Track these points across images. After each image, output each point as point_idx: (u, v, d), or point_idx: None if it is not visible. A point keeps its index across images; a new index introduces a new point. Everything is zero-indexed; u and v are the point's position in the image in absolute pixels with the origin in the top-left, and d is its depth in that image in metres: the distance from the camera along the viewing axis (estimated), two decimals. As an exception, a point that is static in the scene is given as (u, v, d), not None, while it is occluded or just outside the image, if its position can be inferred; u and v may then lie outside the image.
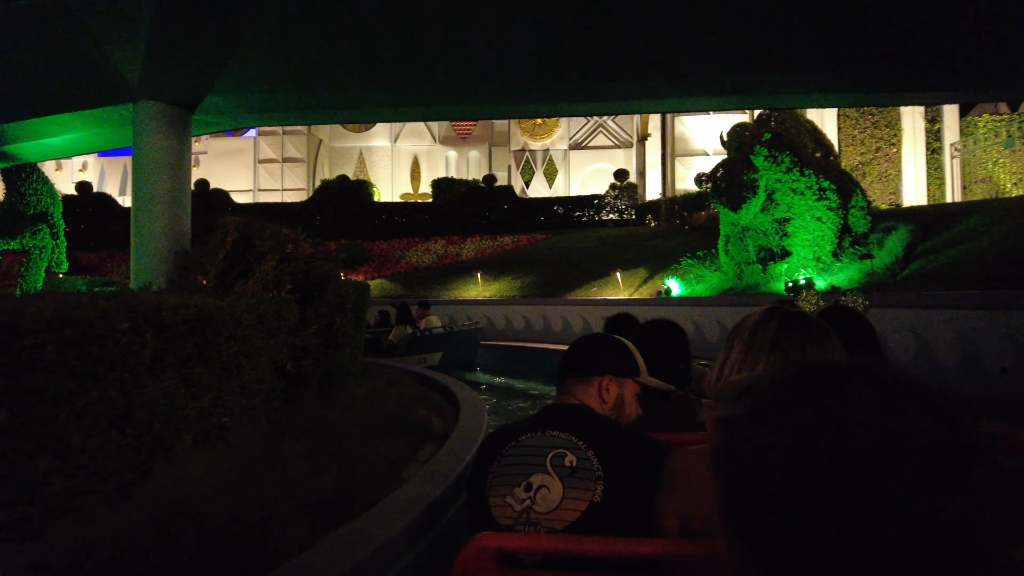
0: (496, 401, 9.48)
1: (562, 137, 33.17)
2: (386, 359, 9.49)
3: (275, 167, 34.51)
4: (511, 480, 1.34)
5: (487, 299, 16.97)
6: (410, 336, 10.56)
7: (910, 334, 7.23)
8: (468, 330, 11.88)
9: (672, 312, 11.81)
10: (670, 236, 17.96)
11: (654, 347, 2.12)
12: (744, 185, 10.40)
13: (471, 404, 6.72)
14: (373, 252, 22.63)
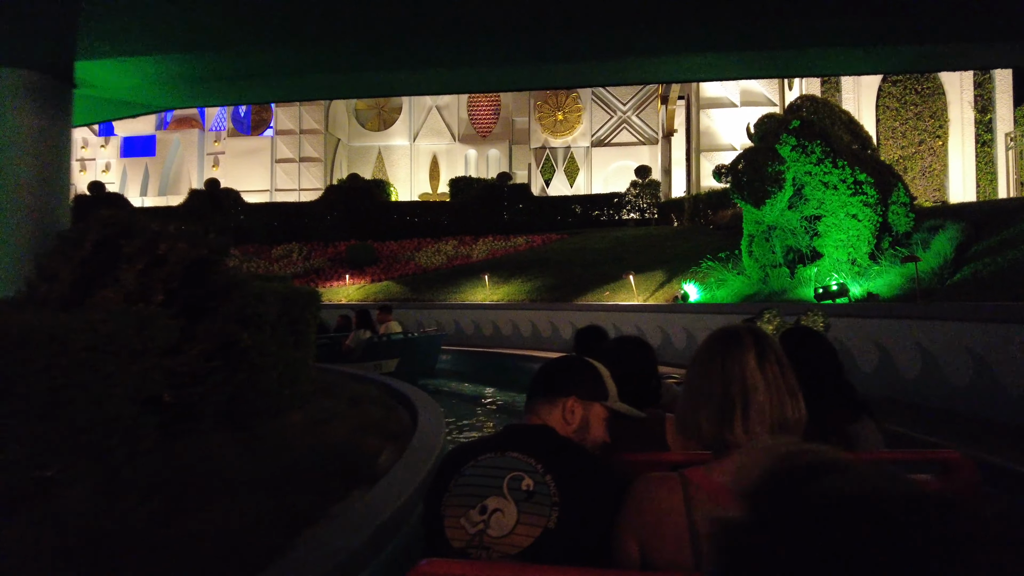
0: (466, 420, 8.60)
1: (584, 134, 32.02)
2: (344, 365, 9.12)
3: (292, 167, 34.08)
4: (466, 501, 1.32)
5: (494, 303, 15.98)
6: (367, 341, 10.19)
7: (965, 354, 6.00)
8: (428, 336, 11.50)
9: (688, 320, 10.64)
10: (692, 236, 16.73)
11: (622, 364, 2.07)
12: (768, 178, 9.20)
13: (427, 433, 5.73)
14: (383, 253, 21.83)
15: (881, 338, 7.09)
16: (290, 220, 24.83)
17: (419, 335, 11.46)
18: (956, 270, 8.33)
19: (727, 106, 21.48)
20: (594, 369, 1.59)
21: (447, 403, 10.28)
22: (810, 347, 2.31)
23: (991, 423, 5.53)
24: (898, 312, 7.02)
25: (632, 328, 11.76)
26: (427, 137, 35.44)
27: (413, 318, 16.99)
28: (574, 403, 1.50)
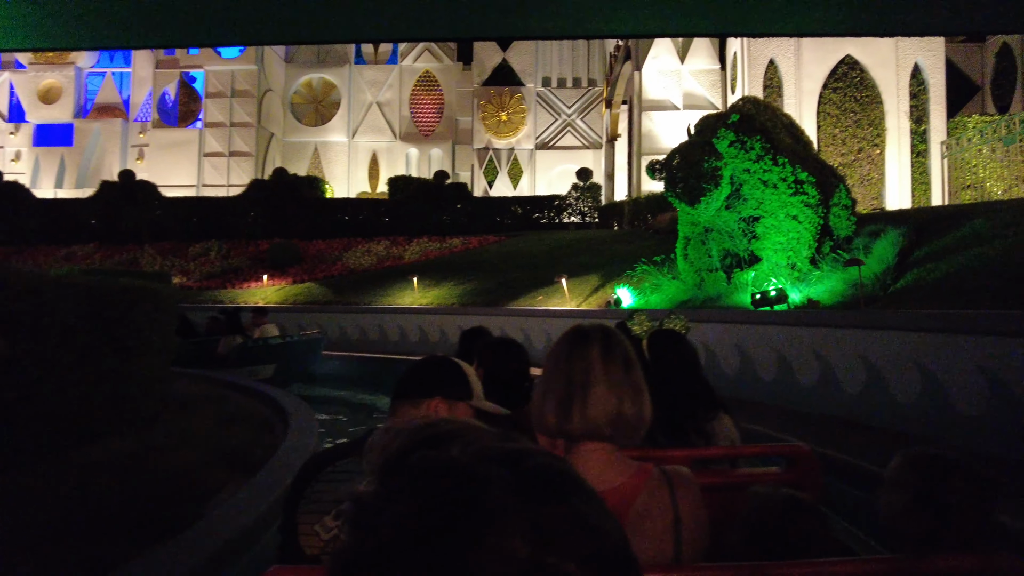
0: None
1: (528, 136, 31.30)
2: (217, 372, 8.57)
3: (221, 161, 32.16)
4: (321, 507, 1.31)
5: (423, 307, 14.94)
6: (240, 346, 9.55)
7: (913, 368, 5.33)
8: (306, 340, 10.89)
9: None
10: (631, 240, 16.09)
11: (495, 366, 2.16)
12: (704, 174, 8.50)
13: (283, 463, 4.70)
14: (309, 253, 20.49)
15: (822, 349, 6.42)
16: (211, 216, 23.18)
17: (297, 339, 10.78)
18: (899, 276, 7.79)
19: (669, 109, 21.08)
20: (458, 368, 1.59)
21: (345, 412, 9.30)
22: (673, 349, 2.43)
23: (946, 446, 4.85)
24: (840, 321, 6.35)
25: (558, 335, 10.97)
26: (367, 134, 34.10)
27: (336, 322, 15.80)
28: (438, 404, 1.50)
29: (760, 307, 7.81)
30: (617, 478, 1.19)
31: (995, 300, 5.96)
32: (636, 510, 1.16)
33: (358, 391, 10.66)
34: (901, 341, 5.47)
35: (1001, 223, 8.02)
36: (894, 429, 5.44)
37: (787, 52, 18.58)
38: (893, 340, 5.56)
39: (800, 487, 1.54)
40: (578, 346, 1.23)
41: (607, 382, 1.19)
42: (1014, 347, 4.62)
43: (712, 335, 8.07)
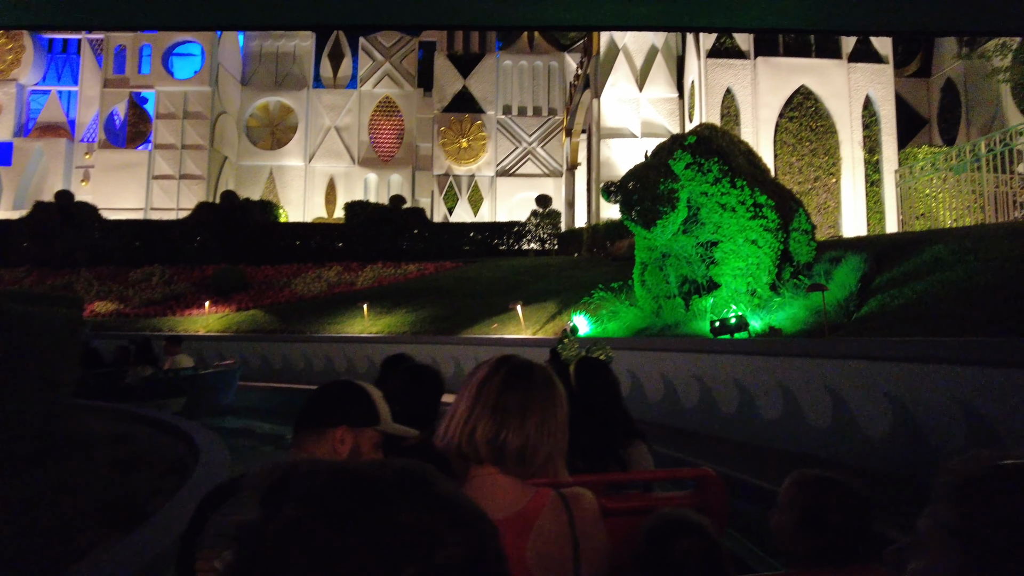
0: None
1: (489, 163, 31.02)
2: (124, 405, 7.95)
3: (171, 184, 30.94)
4: (220, 542, 1.27)
5: (373, 336, 14.22)
6: (150, 377, 9.03)
7: (883, 399, 4.92)
8: (220, 371, 10.38)
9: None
10: (590, 267, 15.72)
11: (408, 392, 2.12)
12: (660, 197, 8.13)
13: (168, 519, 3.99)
14: (256, 279, 19.58)
15: (786, 380, 5.99)
16: (155, 240, 22.10)
17: (211, 370, 10.23)
18: (862, 303, 7.47)
19: (627, 136, 21.00)
20: (362, 392, 1.55)
21: (266, 445, 8.57)
22: (597, 377, 2.51)
23: (922, 489, 4.41)
24: (805, 349, 5.94)
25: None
26: (324, 159, 33.39)
27: (280, 352, 14.95)
28: (344, 433, 1.46)
29: (720, 335, 7.39)
30: (516, 504, 1.20)
31: (963, 326, 5.64)
32: (536, 534, 1.17)
33: (278, 423, 9.91)
34: (871, 371, 5.06)
35: (961, 249, 7.82)
36: (863, 467, 5.00)
37: (744, 81, 18.72)
38: (862, 370, 5.15)
39: (707, 510, 1.57)
40: (485, 374, 1.26)
41: (540, 414, 1.22)
42: (994, 377, 4.23)
43: (670, 365, 7.61)
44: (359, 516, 0.42)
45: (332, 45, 34.60)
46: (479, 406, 1.23)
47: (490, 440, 1.20)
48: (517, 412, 1.21)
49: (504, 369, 1.27)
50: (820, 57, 18.62)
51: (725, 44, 19.13)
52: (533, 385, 1.25)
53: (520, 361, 1.30)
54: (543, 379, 1.27)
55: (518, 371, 1.27)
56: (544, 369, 1.30)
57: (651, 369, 7.86)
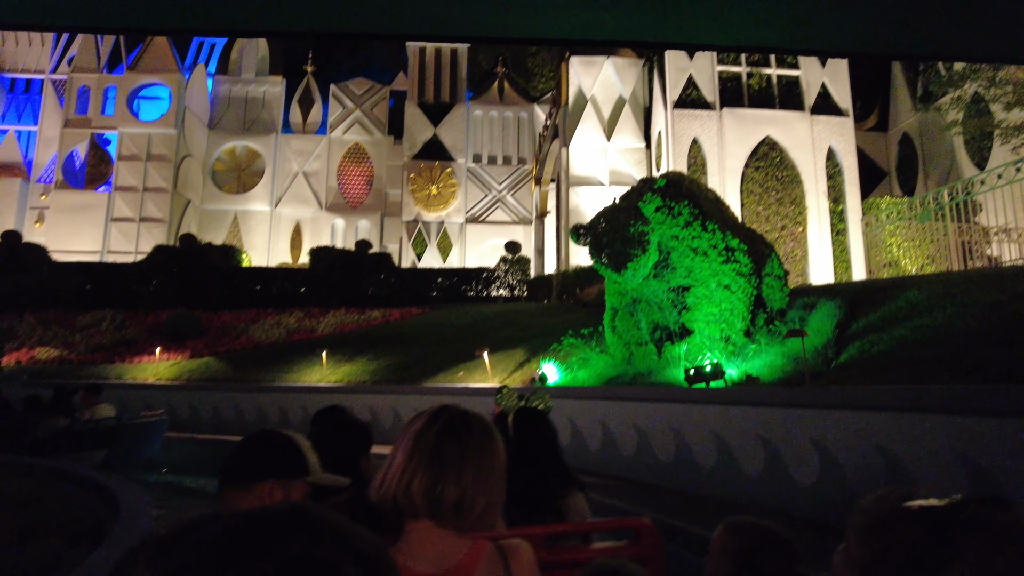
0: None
1: (459, 210, 30.87)
2: (36, 459, 7.44)
3: (131, 227, 30.02)
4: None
5: (331, 385, 13.52)
6: (65, 429, 8.33)
7: (874, 452, 4.54)
8: (145, 422, 9.69)
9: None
10: (559, 313, 15.36)
11: (335, 443, 2.05)
12: (631, 239, 7.85)
13: None
14: (213, 325, 18.75)
15: (767, 432, 5.59)
16: (108, 284, 21.15)
17: (136, 420, 9.49)
18: (840, 349, 7.19)
19: (596, 185, 21.05)
20: (290, 443, 1.50)
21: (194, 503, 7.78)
22: (535, 427, 2.57)
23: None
24: (786, 399, 5.57)
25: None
26: (291, 204, 32.91)
27: (233, 402, 14.11)
28: (273, 487, 1.41)
29: (695, 383, 7.01)
30: (452, 557, 1.20)
31: (949, 372, 5.35)
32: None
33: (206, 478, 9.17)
34: (860, 421, 4.69)
35: (936, 294, 7.64)
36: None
37: (710, 131, 18.98)
38: (850, 421, 4.79)
39: (643, 559, 1.58)
40: (423, 425, 1.25)
41: (441, 463, 1.20)
42: (991, 427, 3.89)
43: (643, 415, 7.17)
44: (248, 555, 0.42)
45: (302, 91, 34.61)
46: (416, 457, 1.22)
47: (427, 492, 1.18)
48: (454, 463, 1.20)
49: (442, 420, 1.26)
50: (784, 109, 19.04)
51: (691, 95, 19.47)
52: (471, 436, 1.24)
53: (458, 411, 1.29)
54: (481, 429, 1.26)
55: (456, 421, 1.26)
56: (482, 419, 1.30)
57: (623, 420, 7.41)
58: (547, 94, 32.10)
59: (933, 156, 20.62)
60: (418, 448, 1.20)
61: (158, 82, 30.89)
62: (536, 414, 2.63)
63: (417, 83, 31.61)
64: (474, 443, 1.22)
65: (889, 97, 22.96)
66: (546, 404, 3.04)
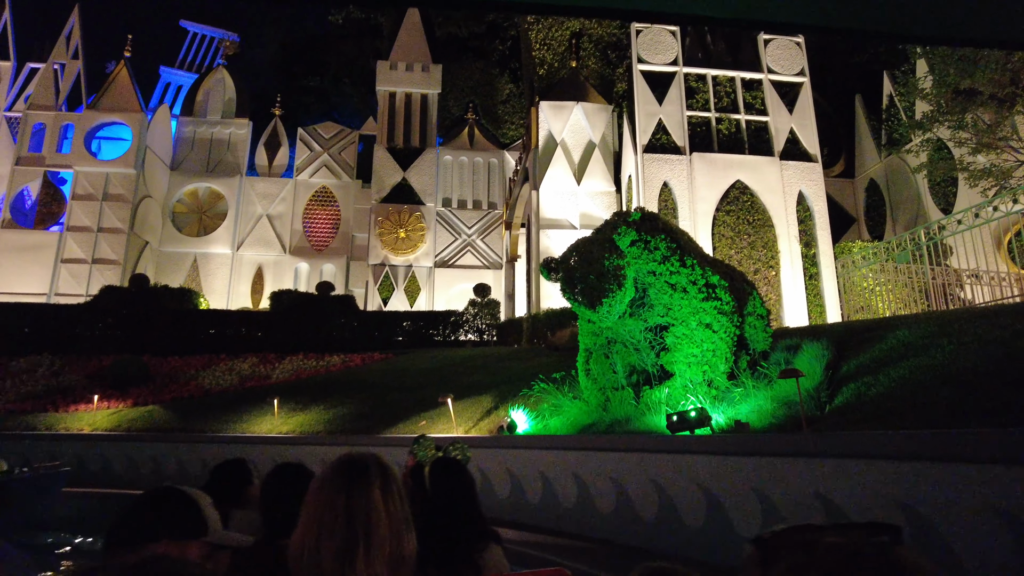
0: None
1: (427, 253, 30.26)
2: None
3: (82, 268, 28.64)
4: None
5: (283, 436, 12.50)
6: None
7: (897, 510, 3.90)
8: (38, 476, 8.87)
9: (512, 458, 8.07)
10: (529, 357, 14.65)
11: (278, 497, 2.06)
12: (605, 273, 7.27)
13: None
14: (161, 370, 17.55)
15: (764, 486, 4.92)
16: (47, 327, 19.81)
17: (26, 475, 8.61)
18: (834, 392, 6.62)
19: (566, 228, 20.69)
20: (186, 500, 1.44)
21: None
22: (453, 478, 2.50)
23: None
24: (784, 447, 4.93)
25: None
26: (253, 247, 31.94)
27: (175, 454, 12.94)
28: (166, 547, 1.34)
29: (678, 431, 6.34)
30: None
31: (959, 415, 4.78)
32: None
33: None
34: (873, 472, 4.06)
35: (929, 333, 7.18)
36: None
37: (680, 175, 18.86)
38: (861, 471, 4.15)
39: None
40: (357, 481, 1.21)
41: (389, 522, 1.18)
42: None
43: (623, 467, 6.45)
44: None
45: (269, 134, 34.12)
46: (319, 513, 1.18)
47: (337, 551, 1.14)
48: (403, 521, 1.20)
49: (342, 472, 1.23)
50: (753, 154, 19.06)
51: (661, 140, 19.42)
52: (371, 487, 1.20)
53: (358, 462, 1.26)
54: (383, 479, 1.23)
55: (356, 473, 1.23)
56: (384, 469, 1.27)
57: (599, 472, 6.67)
58: (517, 141, 32.15)
59: (900, 202, 20.81)
60: (320, 504, 1.15)
61: (118, 120, 30.09)
62: (454, 464, 2.57)
63: (387, 127, 31.38)
64: (403, 494, 1.20)
65: (855, 145, 23.33)
66: (464, 454, 2.95)
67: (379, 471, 1.23)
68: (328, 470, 1.23)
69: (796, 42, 20.33)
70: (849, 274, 15.39)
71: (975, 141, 13.60)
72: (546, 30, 22.97)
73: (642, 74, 19.87)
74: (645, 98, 19.64)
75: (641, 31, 20.16)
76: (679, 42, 20.28)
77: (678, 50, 20.19)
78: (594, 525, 6.65)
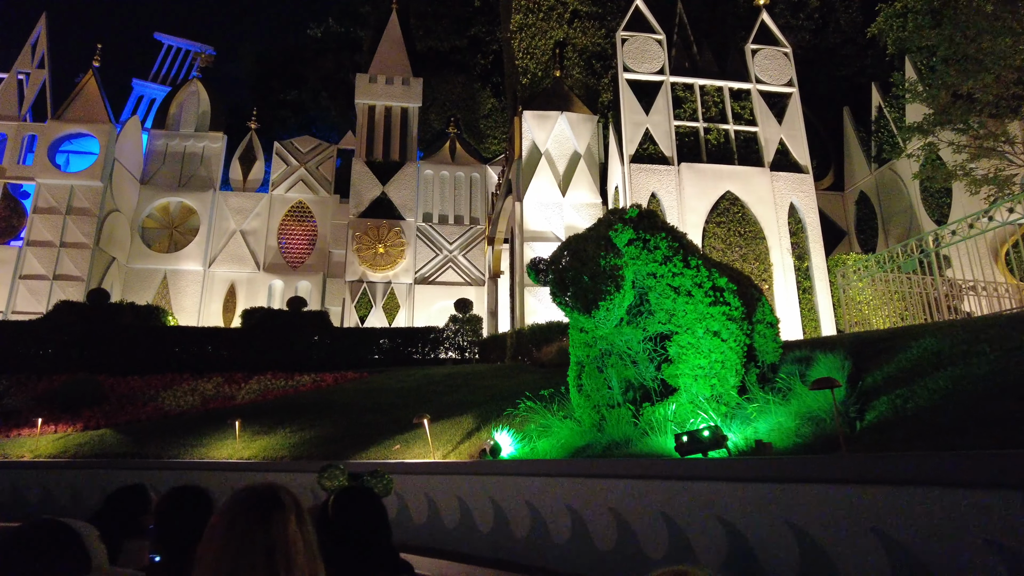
0: None
1: (407, 270, 29.29)
2: None
3: (42, 285, 27.22)
4: None
5: (243, 461, 11.40)
6: None
7: (985, 551, 3.04)
8: None
9: (494, 486, 7.12)
10: (514, 374, 13.73)
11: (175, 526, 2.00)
12: (601, 274, 6.42)
13: None
14: (118, 391, 16.33)
15: (802, 518, 4.06)
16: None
17: None
18: (861, 408, 5.79)
19: (551, 240, 19.91)
20: (68, 533, 1.35)
21: None
22: (356, 509, 2.32)
23: None
24: (826, 472, 4.07)
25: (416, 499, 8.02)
26: (226, 263, 30.75)
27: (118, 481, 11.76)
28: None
29: (689, 454, 5.46)
30: None
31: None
32: None
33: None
34: (947, 503, 3.20)
35: (961, 340, 6.41)
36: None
37: (668, 186, 18.24)
38: (934, 502, 3.29)
39: None
40: (275, 513, 1.17)
41: (307, 555, 1.17)
42: None
43: (624, 496, 5.55)
44: None
45: (244, 148, 33.13)
46: (233, 549, 1.13)
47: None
48: (282, 551, 1.13)
49: (257, 505, 1.20)
50: (743, 164, 18.51)
51: (648, 150, 18.82)
52: (289, 520, 1.18)
53: (271, 493, 1.23)
54: (297, 510, 1.20)
55: (272, 505, 1.20)
56: (295, 499, 1.24)
57: (598, 503, 5.76)
58: (499, 155, 31.50)
59: (892, 214, 20.36)
60: (220, 537, 1.12)
61: (85, 132, 28.93)
62: (362, 494, 2.37)
63: (366, 141, 30.57)
64: (277, 526, 1.15)
65: (843, 157, 22.94)
66: (385, 486, 2.76)
67: (292, 501, 1.19)
68: (237, 503, 1.18)
69: (784, 52, 19.94)
70: (850, 285, 14.71)
71: (975, 146, 13.07)
72: (529, 39, 22.41)
73: (628, 83, 19.31)
74: (631, 107, 19.07)
75: (627, 40, 19.65)
76: (665, 51, 19.80)
77: (664, 59, 19.69)
78: (591, 564, 5.72)
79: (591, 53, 22.49)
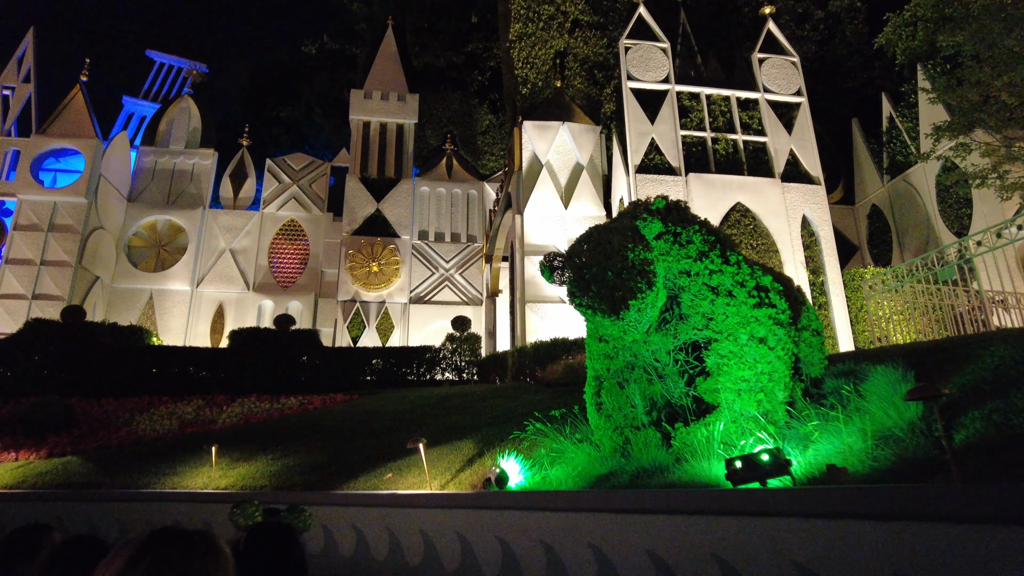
0: None
1: (402, 289, 28.33)
2: None
3: (20, 305, 26.07)
4: None
5: (219, 491, 10.29)
6: None
7: None
8: None
9: (505, 522, 6.08)
10: (517, 395, 12.70)
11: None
12: (630, 268, 5.49)
13: None
14: (90, 414, 15.20)
15: (915, 567, 3.07)
16: (-35, 367, 17.37)
17: None
18: (947, 425, 4.82)
19: (555, 254, 19.02)
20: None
21: None
22: (269, 551, 2.17)
23: None
24: (937, 506, 3.10)
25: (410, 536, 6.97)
26: (214, 283, 29.71)
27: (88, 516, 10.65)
28: None
29: (744, 483, 4.48)
30: None
31: None
32: None
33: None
34: None
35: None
36: None
37: (676, 196, 17.39)
38: None
39: None
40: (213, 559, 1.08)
41: None
42: None
43: (665, 537, 4.54)
44: None
45: (236, 165, 32.30)
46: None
47: None
48: None
49: (189, 551, 1.09)
50: (753, 175, 17.75)
51: (654, 160, 18.06)
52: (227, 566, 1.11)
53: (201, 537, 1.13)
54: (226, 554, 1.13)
55: (207, 550, 1.11)
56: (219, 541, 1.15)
57: (630, 544, 4.74)
58: (497, 172, 30.79)
59: (907, 227, 19.56)
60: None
61: (70, 147, 28.07)
62: (282, 533, 2.14)
63: (360, 157, 29.80)
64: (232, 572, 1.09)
65: (853, 170, 22.24)
66: (304, 522, 2.35)
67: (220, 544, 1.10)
68: (161, 549, 1.04)
69: (792, 61, 19.33)
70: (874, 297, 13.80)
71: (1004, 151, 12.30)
72: (529, 48, 21.77)
73: (632, 92, 18.62)
74: (636, 117, 18.35)
75: (631, 48, 19.00)
76: (670, 60, 19.15)
77: (669, 68, 19.03)
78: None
79: (592, 63, 21.86)
